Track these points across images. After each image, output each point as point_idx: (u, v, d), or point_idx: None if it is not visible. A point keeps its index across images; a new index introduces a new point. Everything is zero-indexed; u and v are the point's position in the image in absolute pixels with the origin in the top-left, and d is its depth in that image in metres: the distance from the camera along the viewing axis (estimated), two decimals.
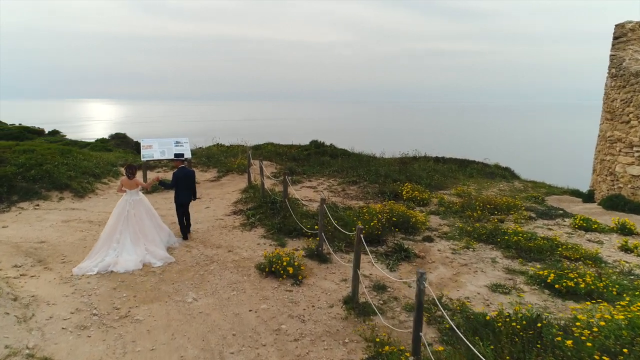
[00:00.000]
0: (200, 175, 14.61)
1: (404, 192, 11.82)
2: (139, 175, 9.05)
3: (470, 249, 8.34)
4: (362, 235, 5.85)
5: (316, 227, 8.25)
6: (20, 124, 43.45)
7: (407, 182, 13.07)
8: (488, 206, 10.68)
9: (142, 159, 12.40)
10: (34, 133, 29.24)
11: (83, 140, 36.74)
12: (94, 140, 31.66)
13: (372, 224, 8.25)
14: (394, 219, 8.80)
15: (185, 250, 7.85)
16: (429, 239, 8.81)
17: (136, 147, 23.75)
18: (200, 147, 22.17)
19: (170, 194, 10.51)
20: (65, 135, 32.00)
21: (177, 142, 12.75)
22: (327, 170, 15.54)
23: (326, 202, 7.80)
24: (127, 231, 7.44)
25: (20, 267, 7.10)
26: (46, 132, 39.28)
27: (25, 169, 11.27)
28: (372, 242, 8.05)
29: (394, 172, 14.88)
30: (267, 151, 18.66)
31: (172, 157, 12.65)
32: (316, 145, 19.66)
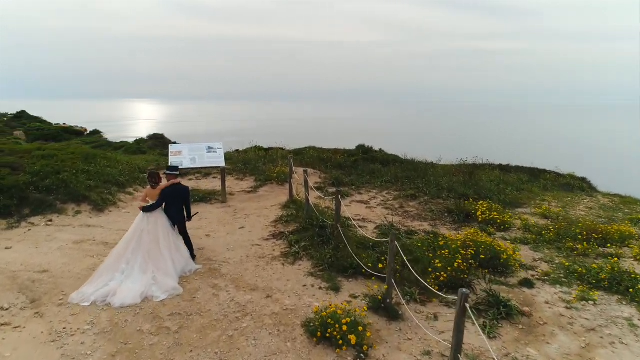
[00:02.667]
0: (235, 185, 12.98)
1: (478, 213, 9.64)
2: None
3: (590, 302, 6.13)
4: (466, 304, 3.86)
5: (380, 265, 6.33)
6: (64, 124, 44.06)
7: (479, 199, 10.88)
8: (594, 235, 8.34)
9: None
10: (72, 133, 28.90)
11: (123, 140, 36.45)
12: (132, 141, 31.10)
13: (455, 264, 6.21)
14: (481, 256, 6.70)
15: (212, 294, 6.07)
16: (527, 284, 6.65)
17: None
18: (237, 150, 20.73)
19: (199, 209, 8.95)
20: (102, 135, 31.58)
21: (209, 148, 11.11)
22: (378, 180, 13.52)
23: (393, 230, 5.91)
24: (139, 253, 6.22)
25: (7, 310, 5.62)
26: (88, 131, 39.44)
27: (40, 177, 9.95)
28: (454, 288, 6.02)
29: (458, 185, 12.69)
30: (309, 157, 16.81)
31: (204, 164, 11.12)
32: (364, 151, 17.62)
